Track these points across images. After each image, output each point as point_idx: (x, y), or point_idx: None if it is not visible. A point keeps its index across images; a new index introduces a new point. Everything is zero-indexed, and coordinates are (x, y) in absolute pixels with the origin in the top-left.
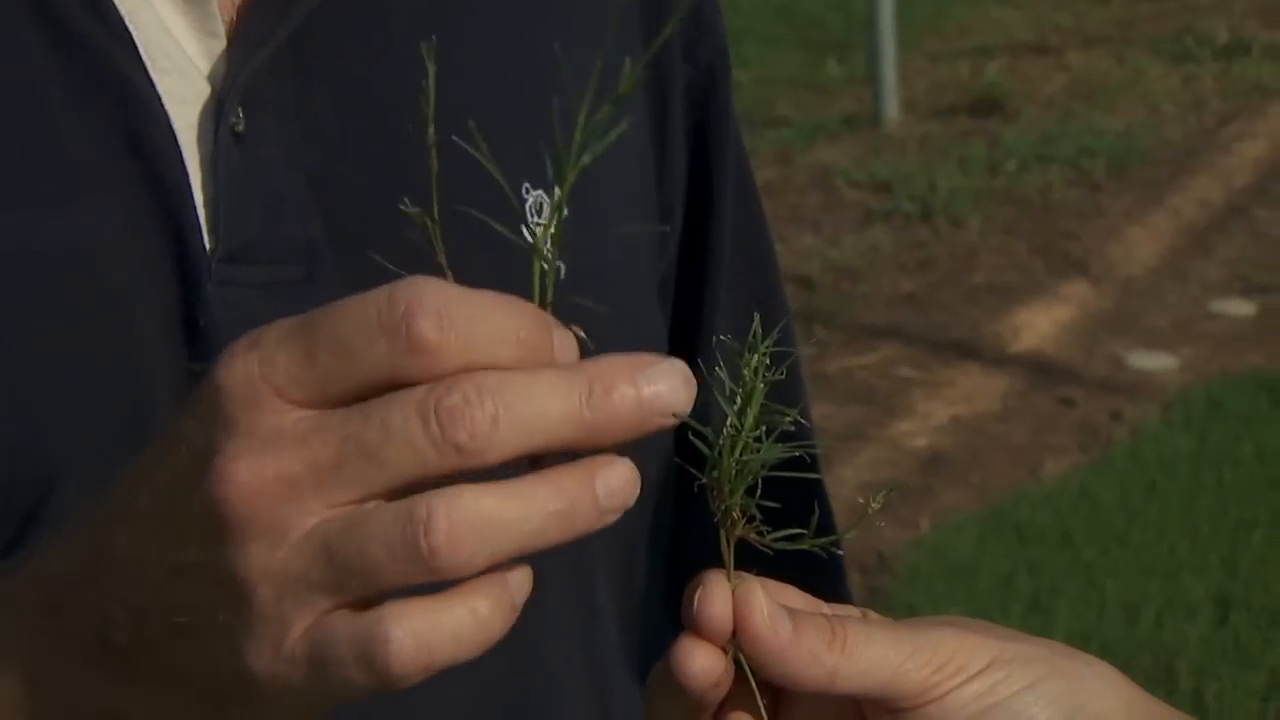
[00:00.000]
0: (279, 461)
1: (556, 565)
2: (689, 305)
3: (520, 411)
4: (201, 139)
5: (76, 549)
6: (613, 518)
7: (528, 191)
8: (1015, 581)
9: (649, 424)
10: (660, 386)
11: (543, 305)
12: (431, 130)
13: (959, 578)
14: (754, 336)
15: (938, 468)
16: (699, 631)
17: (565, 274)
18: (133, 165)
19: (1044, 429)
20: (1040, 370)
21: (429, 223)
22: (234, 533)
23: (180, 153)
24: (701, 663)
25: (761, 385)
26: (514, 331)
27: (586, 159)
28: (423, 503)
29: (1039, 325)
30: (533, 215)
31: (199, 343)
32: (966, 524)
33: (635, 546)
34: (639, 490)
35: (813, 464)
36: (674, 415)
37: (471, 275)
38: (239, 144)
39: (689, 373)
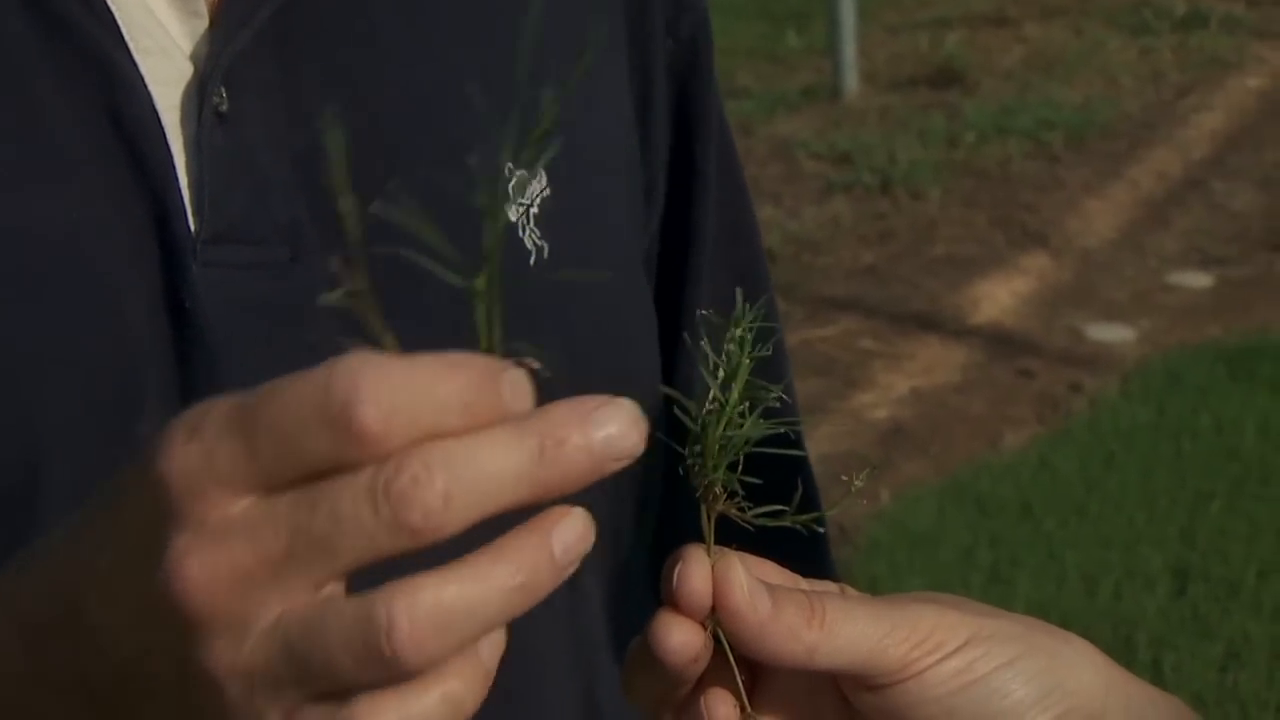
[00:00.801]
0: (231, 556)
1: None
2: (673, 279)
3: (472, 482)
4: (185, 120)
5: (53, 596)
6: (572, 570)
7: (510, 171)
8: (975, 553)
9: (603, 470)
10: (611, 430)
11: (490, 349)
12: (343, 200)
13: (920, 549)
14: (739, 311)
15: (898, 440)
16: (678, 606)
17: (549, 253)
18: (116, 147)
19: (1003, 401)
20: (999, 342)
21: (363, 292)
22: (195, 629)
23: (164, 134)
24: (680, 638)
25: (747, 361)
26: (460, 398)
27: (519, 196)
28: (382, 606)
29: (998, 297)
30: (514, 194)
31: (185, 325)
32: (927, 496)
33: (621, 526)
34: (594, 535)
35: (797, 441)
36: (629, 457)
37: (461, 243)
38: (222, 124)
39: (638, 411)
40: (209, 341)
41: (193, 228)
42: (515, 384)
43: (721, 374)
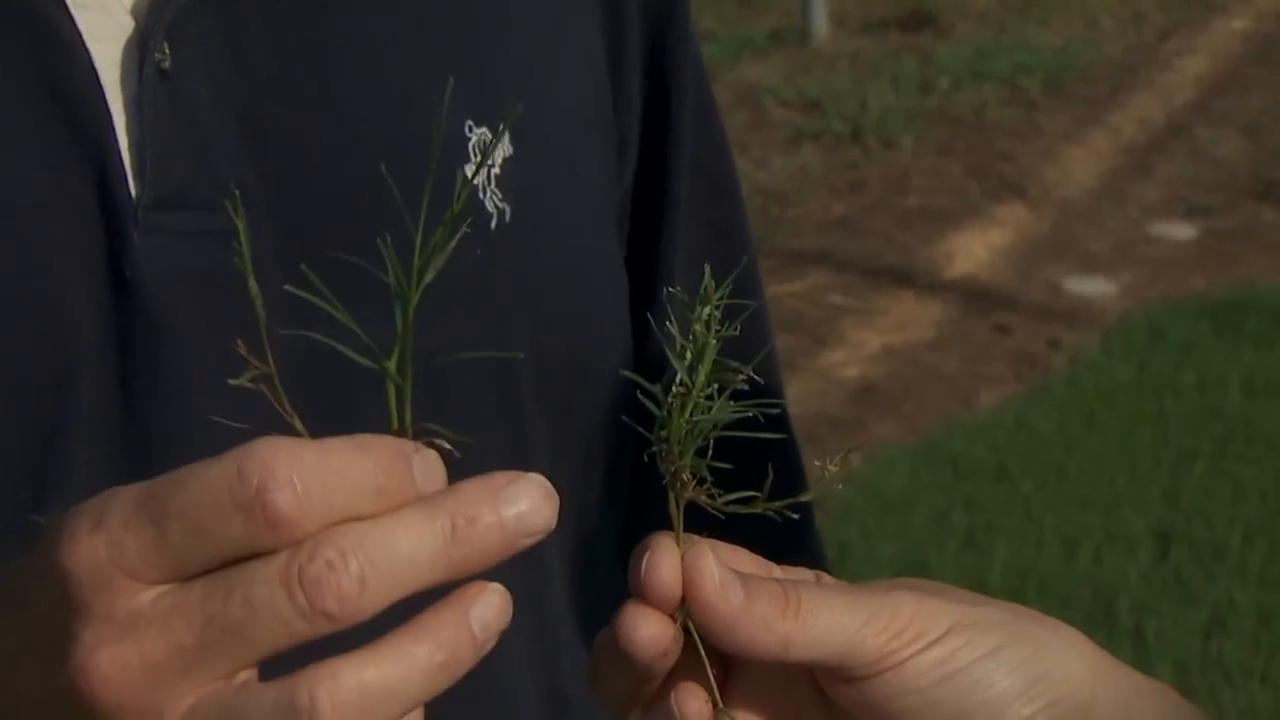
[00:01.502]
0: (141, 647)
1: None
2: (646, 238)
3: (386, 566)
4: (125, 78)
5: None
6: (491, 645)
7: (470, 130)
8: (950, 517)
9: (516, 547)
10: (522, 506)
11: (401, 430)
12: (251, 283)
13: (892, 513)
14: (705, 288)
15: (869, 399)
16: (646, 598)
17: (511, 216)
18: (51, 108)
19: (979, 358)
20: (975, 297)
21: (269, 374)
22: None
23: (103, 93)
24: (648, 631)
25: (713, 341)
26: (372, 482)
27: (430, 276)
28: (304, 689)
29: (973, 250)
30: (475, 154)
31: (126, 296)
32: (899, 457)
33: (587, 499)
34: (511, 610)
35: (776, 421)
36: (542, 533)
37: (414, 199)
38: (164, 82)
39: (548, 486)
40: (151, 313)
41: (134, 192)
42: (426, 465)
43: (689, 355)
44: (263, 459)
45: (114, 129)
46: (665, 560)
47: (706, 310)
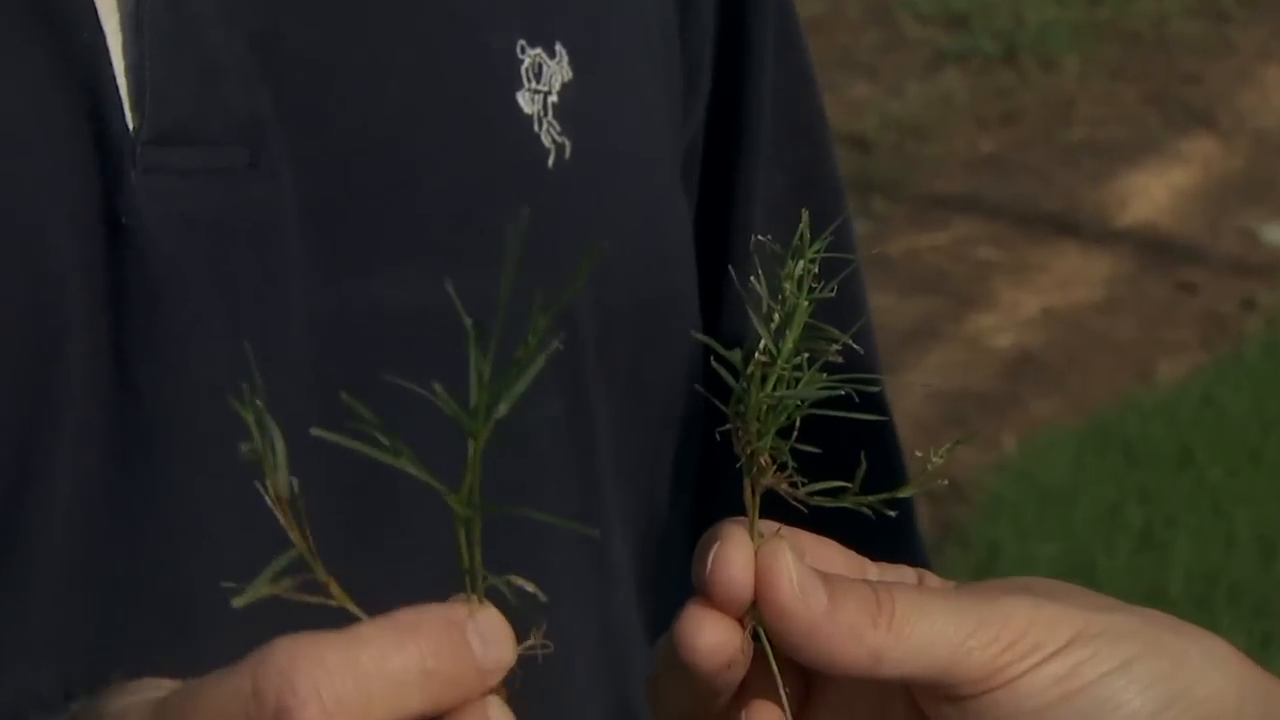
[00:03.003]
0: None
1: (562, 514)
2: (719, 185)
3: None
4: None
5: None
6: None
7: (523, 51)
8: (1122, 512)
9: None
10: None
11: (471, 573)
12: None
13: (1052, 508)
14: (799, 238)
15: (1026, 372)
16: (711, 598)
17: (571, 152)
18: (34, 26)
19: (1158, 322)
20: (1154, 249)
21: (298, 530)
22: None
23: (95, 12)
24: (711, 637)
25: (805, 303)
26: (418, 668)
27: (503, 410)
28: None
29: (1152, 192)
30: (529, 80)
31: (121, 245)
32: (1062, 441)
33: (657, 486)
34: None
35: (873, 401)
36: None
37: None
38: None
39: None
40: (150, 267)
41: (131, 126)
42: (486, 629)
43: (777, 319)
44: (279, 670)
45: (108, 51)
46: (736, 554)
47: (800, 265)
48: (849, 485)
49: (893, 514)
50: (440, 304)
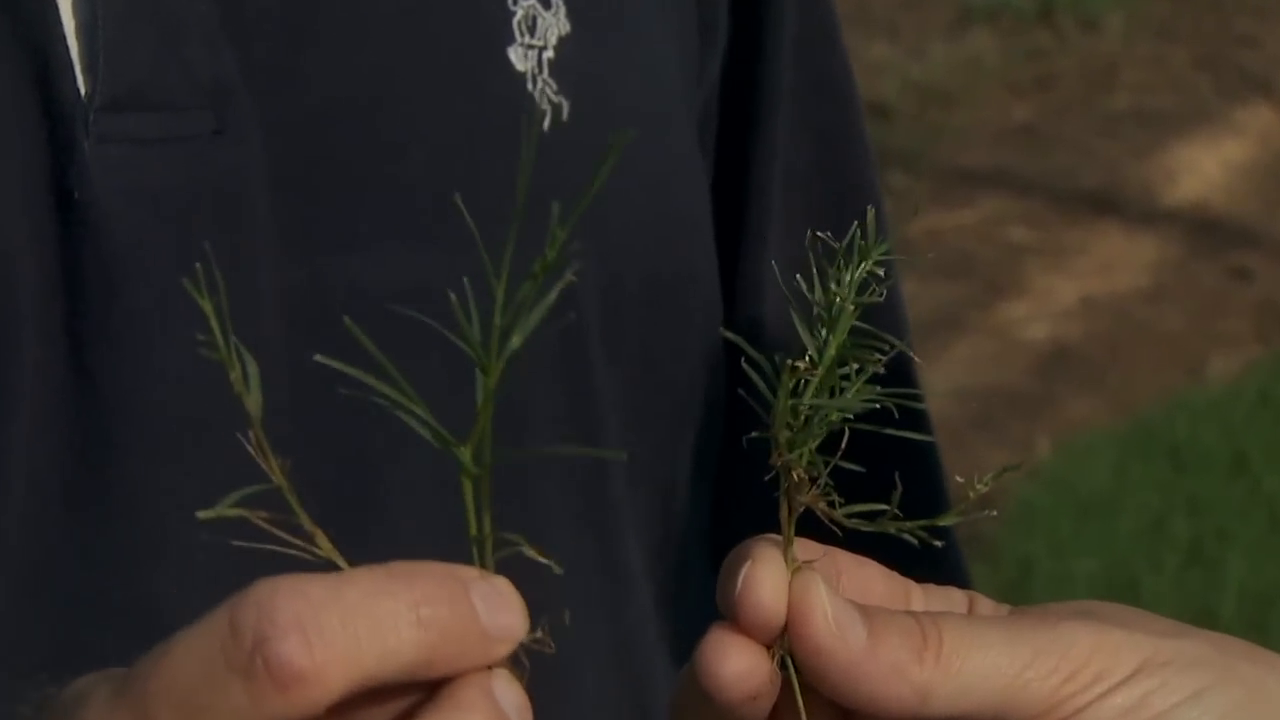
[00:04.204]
0: None
1: (568, 518)
2: (735, 148)
3: None
4: None
5: None
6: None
7: (515, 2)
8: (1169, 523)
9: None
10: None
11: (479, 538)
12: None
13: (1092, 519)
14: (854, 237)
15: (1062, 367)
16: (738, 623)
17: (569, 113)
18: None
19: (1210, 312)
20: (1205, 230)
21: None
22: None
23: None
24: (736, 666)
25: (851, 307)
26: (412, 611)
27: (517, 342)
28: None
29: (1204, 167)
30: (521, 33)
31: (75, 222)
32: (1102, 444)
33: (675, 482)
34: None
35: (917, 419)
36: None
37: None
38: None
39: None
40: (106, 245)
41: (83, 91)
42: (492, 595)
43: (822, 322)
44: (258, 602)
45: (57, 9)
46: (768, 578)
47: (861, 268)
48: (887, 508)
49: (939, 544)
50: (425, 283)
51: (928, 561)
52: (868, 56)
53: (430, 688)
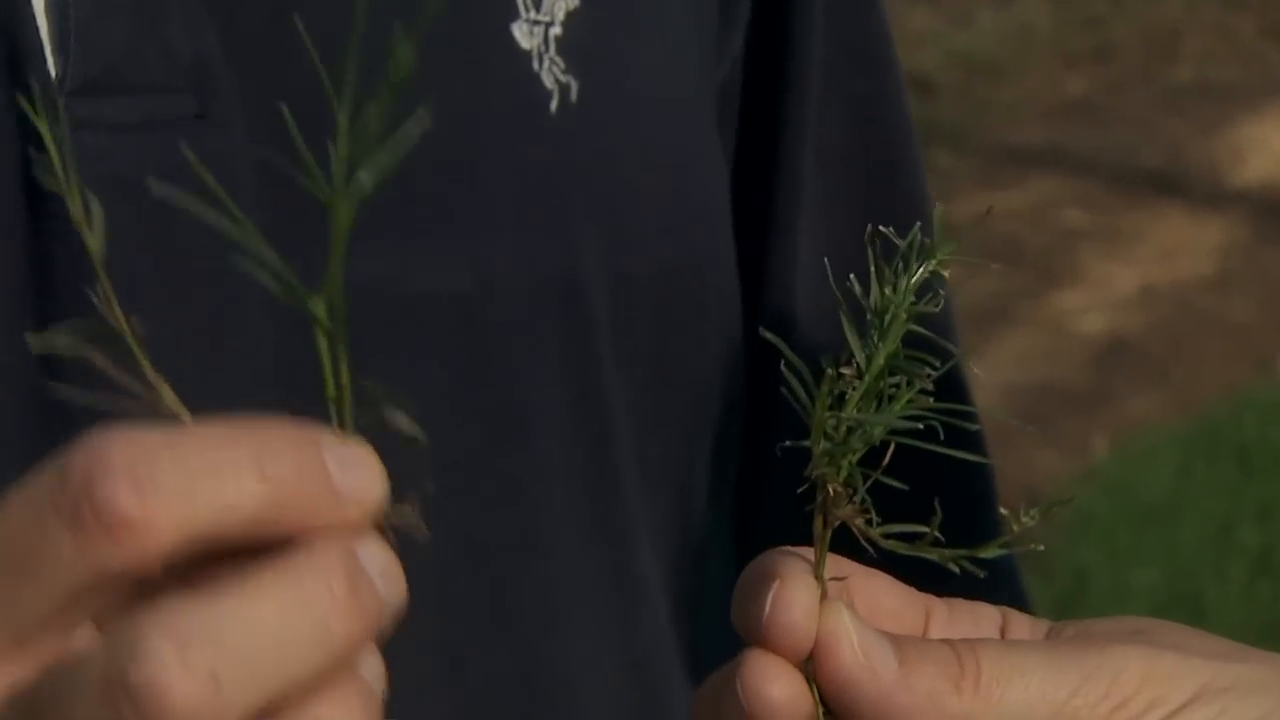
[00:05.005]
0: None
1: (575, 523)
2: (761, 125)
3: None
4: None
5: None
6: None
7: None
8: (1236, 530)
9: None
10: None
11: (338, 399)
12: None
13: (1152, 526)
14: (912, 240)
15: (1121, 361)
16: (766, 646)
17: (577, 94)
18: None
19: None
20: (1276, 213)
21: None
22: None
23: None
24: (783, 689)
25: (904, 315)
26: (253, 461)
27: (368, 178)
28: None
29: (1273, 145)
30: (526, 8)
31: (45, 215)
32: (1164, 446)
33: (690, 489)
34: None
35: (970, 437)
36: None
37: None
38: None
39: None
40: (76, 238)
41: (54, 73)
42: (346, 456)
43: (875, 329)
44: (89, 448)
45: None
46: (798, 598)
47: (921, 270)
48: (927, 530)
49: (982, 574)
50: (422, 279)
51: (982, 581)
52: (908, 24)
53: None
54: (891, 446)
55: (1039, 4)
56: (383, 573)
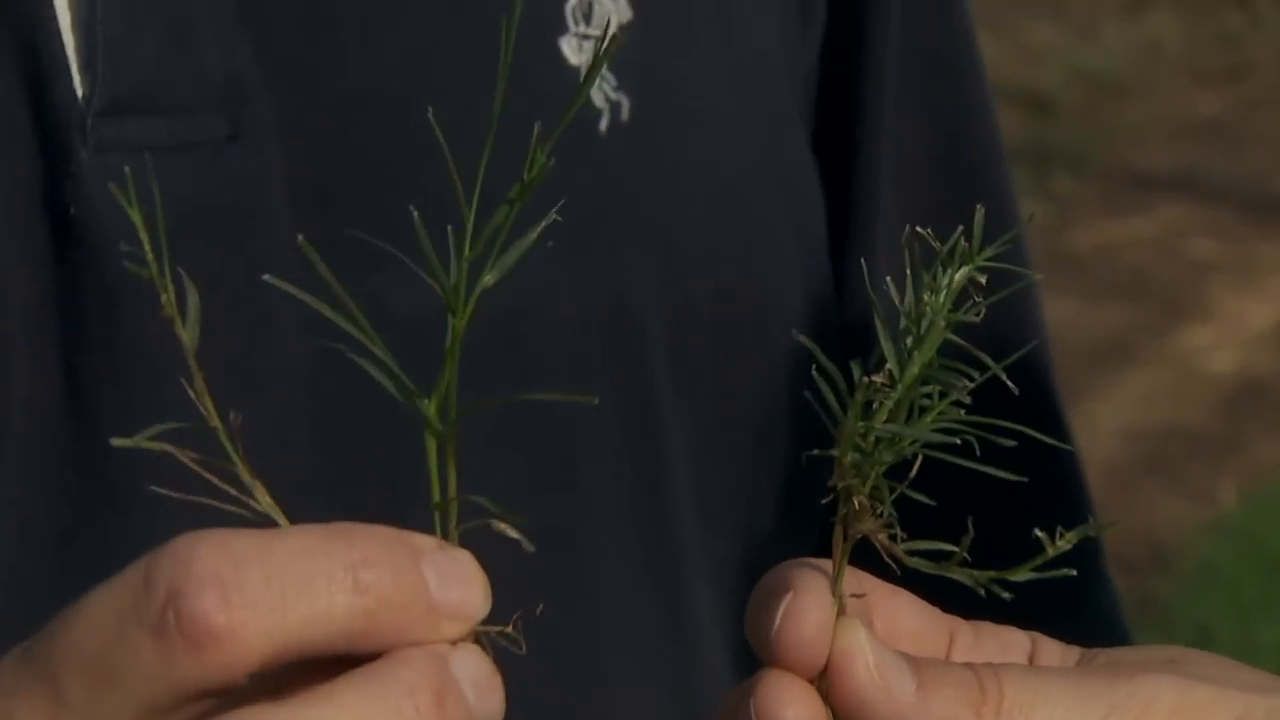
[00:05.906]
0: None
1: (624, 566)
2: (839, 140)
3: None
4: None
5: None
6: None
7: None
8: None
9: None
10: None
11: (443, 504)
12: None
13: None
14: (955, 243)
15: (1253, 403)
16: (775, 661)
17: (627, 114)
18: None
19: None
20: None
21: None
22: None
23: None
24: (802, 711)
25: (943, 323)
26: (347, 569)
27: (489, 280)
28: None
29: None
30: (576, 21)
31: (68, 239)
32: None
33: (754, 530)
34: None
35: (1058, 430)
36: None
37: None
38: None
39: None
40: (107, 267)
41: (80, 93)
42: (447, 567)
43: (910, 335)
44: (176, 554)
45: (51, 3)
46: (812, 612)
47: (956, 275)
48: (956, 549)
49: (1007, 596)
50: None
51: (1062, 614)
52: (1028, 39)
53: None
54: (915, 464)
55: (1170, 18)
56: (475, 683)
